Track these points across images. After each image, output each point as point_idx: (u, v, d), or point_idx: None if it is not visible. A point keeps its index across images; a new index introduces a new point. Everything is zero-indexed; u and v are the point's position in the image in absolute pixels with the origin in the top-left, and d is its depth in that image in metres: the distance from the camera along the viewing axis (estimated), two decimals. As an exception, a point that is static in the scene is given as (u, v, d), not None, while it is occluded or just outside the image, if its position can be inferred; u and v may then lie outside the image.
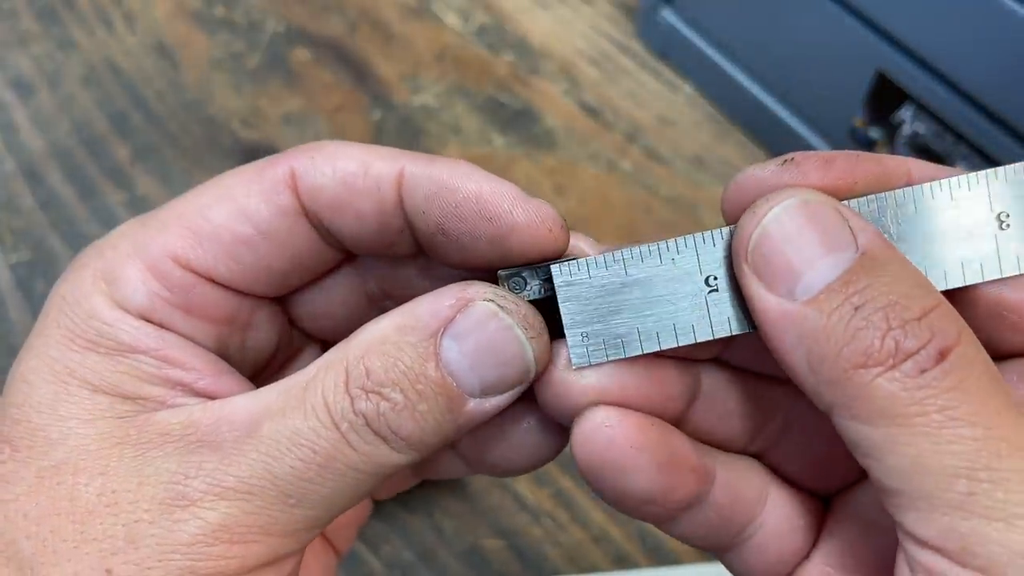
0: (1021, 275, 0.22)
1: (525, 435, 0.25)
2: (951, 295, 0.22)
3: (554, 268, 0.23)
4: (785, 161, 0.22)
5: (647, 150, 0.70)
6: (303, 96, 0.73)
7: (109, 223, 0.64)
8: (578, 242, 0.25)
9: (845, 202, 0.22)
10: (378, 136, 0.70)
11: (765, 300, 0.20)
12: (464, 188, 0.23)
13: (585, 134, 0.71)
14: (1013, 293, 0.22)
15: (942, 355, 0.19)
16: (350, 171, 0.24)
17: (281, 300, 0.27)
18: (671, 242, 0.22)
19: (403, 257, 0.26)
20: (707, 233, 0.22)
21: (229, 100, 0.72)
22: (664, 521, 0.24)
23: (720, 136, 0.71)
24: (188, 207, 0.25)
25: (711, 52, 0.71)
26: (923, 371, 0.18)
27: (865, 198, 0.22)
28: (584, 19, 0.79)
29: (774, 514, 0.25)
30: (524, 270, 0.23)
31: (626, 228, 0.66)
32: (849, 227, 0.20)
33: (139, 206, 0.65)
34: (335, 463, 0.22)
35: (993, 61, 0.52)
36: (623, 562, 0.52)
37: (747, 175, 0.22)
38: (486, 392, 0.22)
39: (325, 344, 0.29)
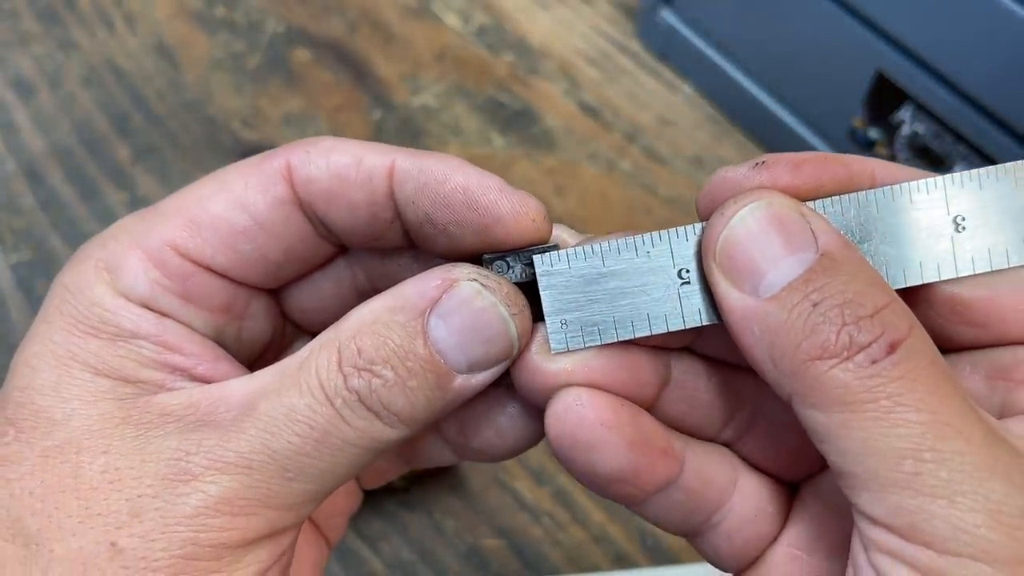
0: (975, 275, 0.23)
1: (508, 420, 0.27)
2: (911, 292, 0.23)
3: (536, 258, 0.24)
4: (757, 164, 0.23)
5: (647, 150, 0.70)
6: (303, 96, 0.73)
7: (110, 223, 0.64)
8: (560, 232, 0.25)
9: (813, 203, 0.23)
10: (378, 136, 0.70)
11: (731, 296, 0.22)
12: (452, 179, 0.24)
13: (585, 134, 0.71)
14: (967, 291, 0.23)
15: (892, 347, 0.20)
16: (343, 163, 0.25)
17: (275, 293, 0.28)
18: (647, 236, 0.23)
19: (393, 250, 0.27)
20: (680, 228, 0.23)
21: (229, 100, 0.72)
22: (635, 503, 0.25)
23: (720, 136, 0.71)
24: (187, 199, 0.25)
25: (711, 52, 0.71)
26: (874, 362, 0.20)
27: (831, 199, 0.23)
28: (584, 19, 0.79)
29: (743, 500, 0.26)
30: (508, 254, 0.24)
31: (626, 228, 0.66)
32: (811, 229, 0.21)
33: (140, 206, 0.65)
34: (331, 438, 0.22)
35: (992, 61, 0.52)
36: (623, 562, 0.52)
37: (721, 176, 0.23)
38: (472, 368, 0.23)
39: (314, 336, 0.30)
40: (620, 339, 0.24)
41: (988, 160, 0.55)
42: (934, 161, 0.58)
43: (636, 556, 0.52)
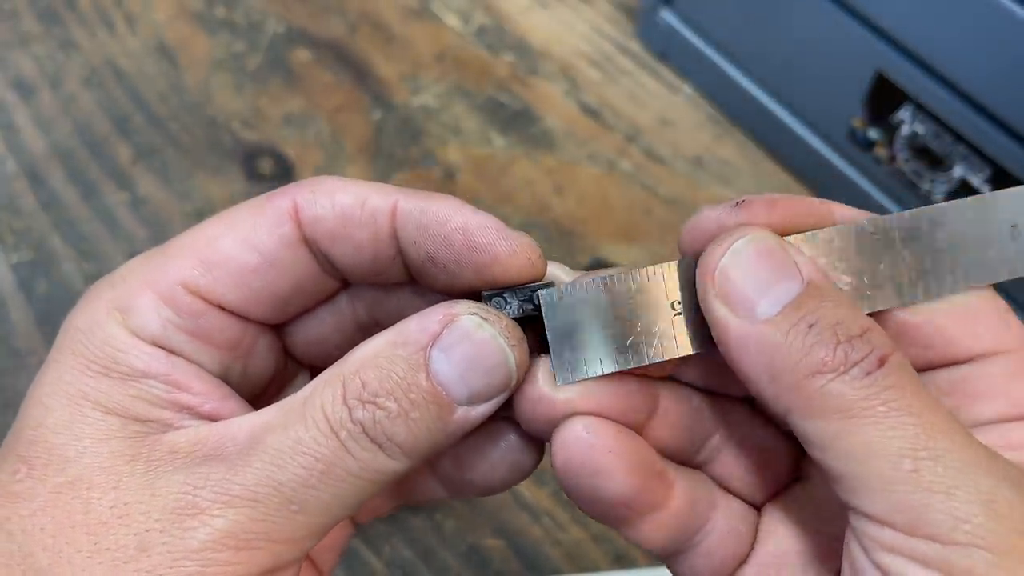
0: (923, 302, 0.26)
1: (504, 452, 0.28)
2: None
3: (541, 292, 0.25)
4: (737, 203, 0.25)
5: (647, 151, 0.71)
6: (304, 97, 0.73)
7: (110, 223, 0.64)
8: (555, 270, 0.27)
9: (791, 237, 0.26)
10: (378, 136, 0.70)
11: (730, 321, 0.23)
12: (453, 221, 0.25)
13: (585, 135, 0.71)
14: (912, 316, 0.26)
15: (881, 362, 0.22)
16: (348, 204, 0.26)
17: (278, 329, 0.29)
18: (641, 271, 0.25)
19: (394, 285, 0.28)
20: (671, 263, 0.25)
21: (230, 101, 0.72)
22: (629, 525, 0.26)
23: (720, 137, 0.72)
24: (196, 239, 0.26)
25: (711, 53, 0.71)
26: (868, 374, 0.22)
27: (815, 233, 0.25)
28: (584, 20, 0.79)
29: (720, 521, 0.27)
30: (505, 291, 0.26)
31: (626, 228, 0.66)
32: (795, 261, 0.24)
33: (140, 207, 0.65)
34: (335, 469, 0.23)
35: (992, 62, 0.52)
36: (623, 561, 0.52)
37: (703, 216, 0.25)
38: (473, 400, 0.24)
39: (316, 372, 0.32)
40: (620, 368, 0.25)
41: (988, 160, 0.55)
42: (934, 161, 0.58)
43: (636, 555, 0.52)
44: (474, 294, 0.26)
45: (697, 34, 0.72)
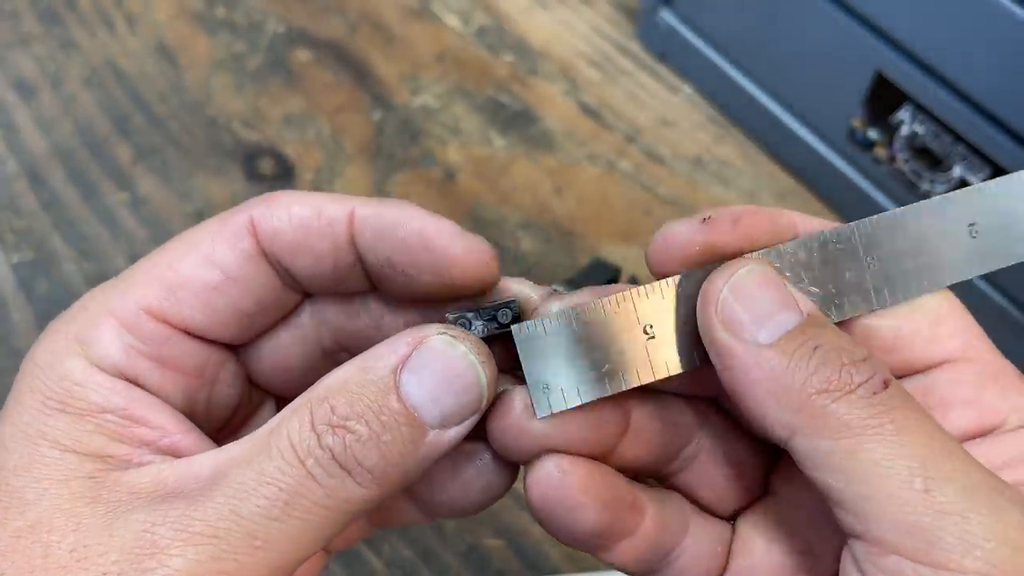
0: (890, 306, 0.26)
1: (478, 473, 0.28)
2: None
3: (513, 329, 0.25)
4: (703, 220, 0.26)
5: (646, 151, 0.71)
6: (304, 97, 0.73)
7: (111, 223, 0.64)
8: (521, 287, 0.27)
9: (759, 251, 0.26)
10: (378, 136, 0.71)
11: (733, 344, 0.24)
12: (408, 224, 0.25)
13: (585, 135, 0.71)
14: (878, 320, 0.26)
15: (885, 384, 0.22)
16: (305, 215, 0.26)
17: (242, 356, 0.29)
18: (612, 298, 0.25)
19: (355, 296, 0.28)
20: (641, 288, 0.25)
21: (230, 101, 0.72)
22: (601, 551, 0.27)
23: (719, 137, 0.72)
24: (155, 264, 0.26)
25: (711, 53, 0.71)
26: (875, 393, 0.22)
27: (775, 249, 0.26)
28: (584, 20, 0.79)
29: (694, 540, 0.28)
30: (468, 312, 0.26)
31: (625, 228, 0.66)
32: (793, 295, 0.25)
33: (141, 206, 0.65)
34: (300, 500, 0.23)
35: (992, 62, 0.52)
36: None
37: (670, 231, 0.26)
38: (445, 421, 0.24)
39: (281, 401, 0.31)
40: (597, 396, 0.25)
41: (987, 160, 0.55)
42: (933, 161, 0.59)
43: (636, 556, 0.52)
44: (435, 303, 0.26)
45: (697, 34, 0.72)
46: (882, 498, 0.21)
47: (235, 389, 0.29)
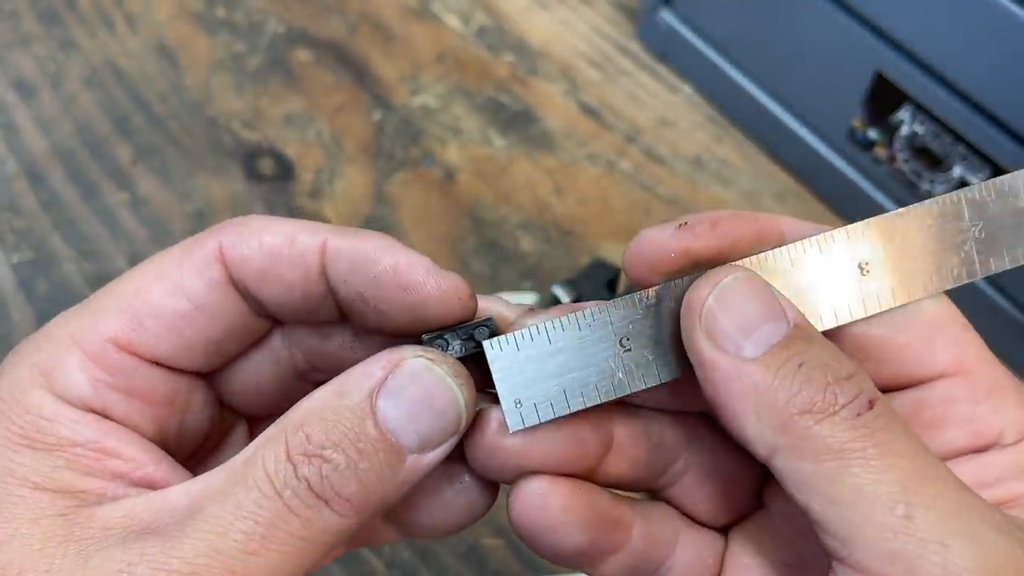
0: (880, 313, 0.25)
1: (458, 494, 0.27)
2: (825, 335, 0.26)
3: (485, 344, 0.25)
4: (680, 225, 0.25)
5: (646, 151, 0.71)
6: (304, 97, 0.73)
7: (111, 223, 0.64)
8: (495, 305, 0.27)
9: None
10: (378, 136, 0.71)
11: (716, 357, 0.23)
12: (383, 260, 0.25)
13: (585, 135, 0.71)
14: (871, 329, 0.26)
15: (870, 404, 0.22)
16: (276, 243, 0.25)
17: (213, 380, 0.28)
18: (586, 311, 0.25)
19: (327, 324, 0.28)
20: (617, 300, 0.25)
21: (230, 101, 0.72)
22: (588, 568, 0.26)
23: (719, 137, 0.72)
24: (122, 291, 0.25)
25: (710, 53, 0.71)
26: (858, 415, 0.22)
27: (756, 256, 0.25)
28: (584, 20, 0.79)
29: (684, 553, 0.27)
30: (446, 332, 0.25)
31: (625, 228, 0.66)
32: (780, 304, 0.24)
33: (141, 206, 0.65)
34: (278, 532, 0.22)
35: (991, 62, 0.52)
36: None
37: (647, 238, 0.25)
38: (423, 445, 0.24)
39: (253, 422, 0.31)
40: (572, 410, 0.25)
41: (987, 160, 0.55)
42: (933, 161, 0.59)
43: (635, 556, 0.52)
44: (408, 335, 0.26)
45: (697, 34, 0.72)
46: (863, 524, 0.21)
47: (206, 415, 0.28)
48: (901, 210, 0.25)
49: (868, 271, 0.25)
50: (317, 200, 0.67)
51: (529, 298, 0.57)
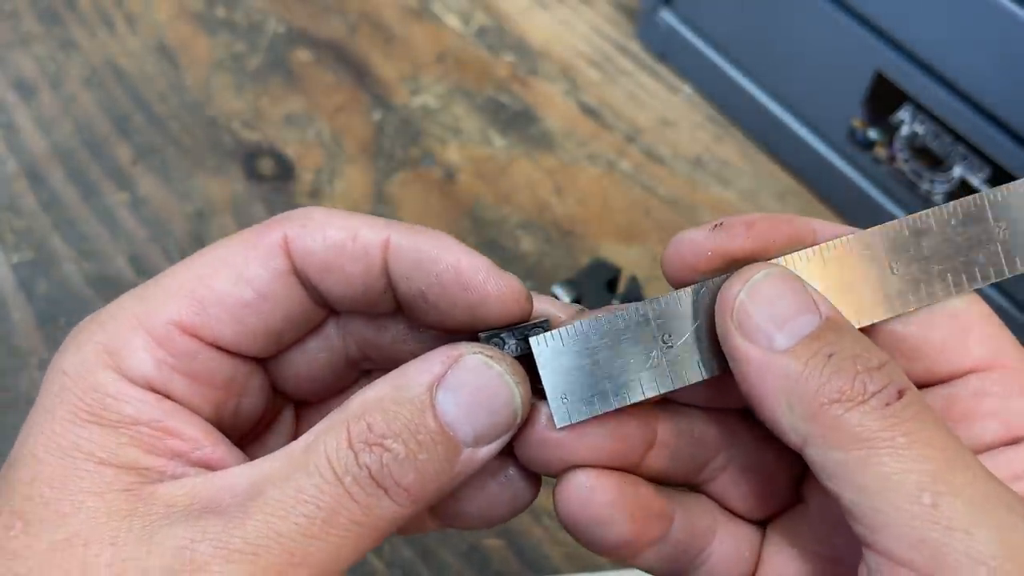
0: (914, 311, 0.26)
1: (503, 487, 0.28)
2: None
3: (532, 340, 0.25)
4: (715, 226, 0.26)
5: (646, 151, 0.71)
6: (304, 97, 0.73)
7: (111, 223, 0.64)
8: (547, 306, 0.27)
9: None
10: (378, 136, 0.71)
11: (749, 350, 0.24)
12: (445, 259, 0.25)
13: (585, 135, 0.71)
14: (903, 327, 0.26)
15: (900, 394, 0.22)
16: (339, 237, 0.26)
17: (267, 365, 0.29)
18: (628, 310, 0.26)
19: (383, 315, 0.28)
20: (659, 298, 0.26)
21: (230, 101, 0.72)
22: (630, 558, 0.27)
23: (719, 137, 0.72)
24: (187, 276, 0.26)
25: (710, 53, 0.71)
26: (887, 404, 0.22)
27: (789, 256, 0.26)
28: (584, 20, 0.79)
29: (722, 543, 0.28)
30: (503, 331, 0.26)
31: (625, 229, 0.66)
32: (812, 298, 0.24)
33: (140, 207, 0.65)
34: (338, 517, 0.23)
35: (992, 62, 0.52)
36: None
37: (683, 239, 0.26)
38: (479, 440, 0.24)
39: (300, 407, 0.31)
40: (616, 407, 0.25)
41: (987, 160, 0.55)
42: (933, 161, 0.59)
43: (636, 556, 0.52)
44: (466, 333, 0.26)
45: (697, 34, 0.72)
46: (891, 511, 0.21)
47: (261, 399, 0.29)
48: (928, 210, 0.26)
49: (896, 271, 0.26)
50: (317, 200, 0.67)
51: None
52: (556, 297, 0.54)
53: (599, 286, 0.56)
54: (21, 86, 0.72)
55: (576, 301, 0.52)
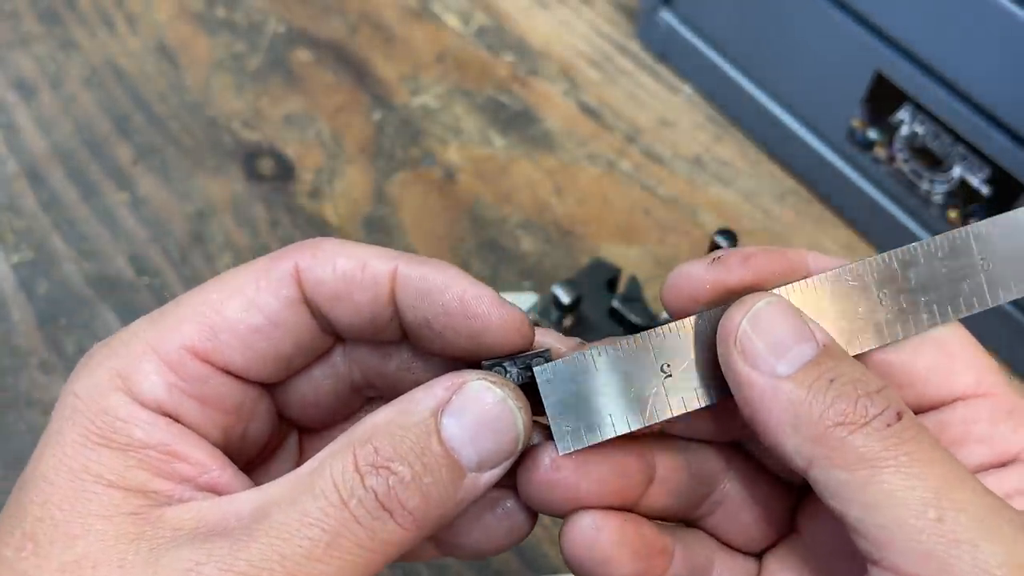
0: (903, 340, 0.27)
1: (500, 518, 0.28)
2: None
3: (536, 368, 0.26)
4: (714, 259, 0.27)
5: (646, 151, 0.71)
6: (304, 97, 0.73)
7: (111, 224, 0.64)
8: (547, 339, 0.28)
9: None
10: (378, 136, 0.71)
11: (752, 377, 0.25)
12: (451, 289, 0.26)
13: (585, 135, 0.71)
14: (894, 354, 0.27)
15: (899, 416, 0.23)
16: (350, 268, 0.27)
17: (273, 391, 0.29)
18: (629, 339, 0.26)
19: (389, 343, 0.29)
20: (658, 329, 0.26)
21: (230, 101, 0.72)
22: None
23: (719, 137, 0.72)
24: (200, 302, 0.26)
25: (710, 53, 0.71)
26: (888, 426, 0.23)
27: (785, 287, 0.27)
28: (584, 20, 0.79)
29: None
30: (504, 360, 0.27)
31: (625, 229, 0.66)
32: (809, 327, 0.25)
33: (141, 207, 0.65)
34: (343, 540, 0.23)
35: (991, 62, 0.52)
36: None
37: (682, 272, 0.27)
38: (482, 465, 0.25)
39: (304, 432, 0.32)
40: (618, 434, 0.26)
41: (987, 160, 0.55)
42: (933, 161, 0.59)
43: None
44: (469, 362, 0.27)
45: (697, 34, 0.72)
46: (897, 527, 0.22)
47: (268, 424, 0.29)
48: (916, 243, 0.27)
49: (884, 302, 0.27)
50: (317, 200, 0.67)
51: (529, 298, 0.57)
52: (557, 297, 0.54)
53: (599, 286, 0.56)
54: (21, 86, 0.72)
55: (576, 301, 0.52)
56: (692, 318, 0.26)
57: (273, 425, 0.30)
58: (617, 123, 0.72)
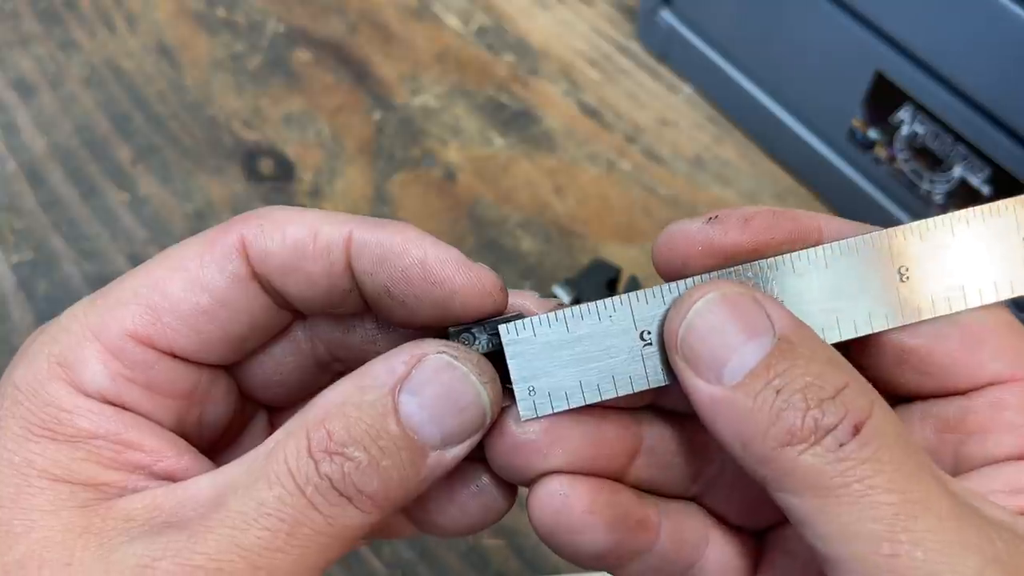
0: (920, 322, 0.24)
1: (475, 495, 0.27)
2: (862, 342, 0.25)
3: (501, 328, 0.24)
4: (710, 219, 0.24)
5: (646, 151, 0.71)
6: (304, 97, 0.73)
7: (110, 223, 0.64)
8: (524, 300, 0.26)
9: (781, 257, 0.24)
10: (378, 136, 0.71)
11: (697, 386, 0.22)
12: (410, 254, 0.24)
13: (585, 135, 0.71)
14: (909, 339, 0.24)
15: (856, 429, 0.21)
16: (299, 237, 0.24)
17: (233, 370, 0.28)
18: (608, 301, 0.24)
19: (351, 316, 0.27)
20: (640, 292, 0.24)
21: (230, 101, 0.72)
22: (613, 569, 0.26)
23: (719, 137, 0.72)
24: (142, 283, 0.25)
25: (710, 53, 0.71)
26: (841, 445, 0.20)
27: (788, 255, 0.24)
28: (584, 20, 0.79)
29: (714, 555, 0.27)
30: (473, 326, 0.25)
31: (625, 228, 0.66)
32: (767, 313, 0.22)
33: (141, 206, 0.65)
34: (302, 528, 0.22)
35: (992, 62, 0.52)
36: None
37: (675, 231, 0.24)
38: (446, 441, 0.23)
39: (273, 410, 0.30)
40: (587, 402, 0.24)
41: (987, 160, 0.55)
42: (933, 161, 0.59)
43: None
44: (439, 329, 0.25)
45: (697, 34, 0.72)
46: (850, 559, 0.20)
47: (227, 405, 0.28)
48: (945, 216, 0.24)
49: (908, 277, 0.24)
50: (317, 200, 0.67)
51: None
52: (556, 297, 0.54)
53: (599, 286, 0.56)
54: (21, 86, 0.72)
55: (576, 301, 0.52)
56: (678, 283, 0.24)
57: (234, 406, 0.28)
58: (617, 123, 0.72)
